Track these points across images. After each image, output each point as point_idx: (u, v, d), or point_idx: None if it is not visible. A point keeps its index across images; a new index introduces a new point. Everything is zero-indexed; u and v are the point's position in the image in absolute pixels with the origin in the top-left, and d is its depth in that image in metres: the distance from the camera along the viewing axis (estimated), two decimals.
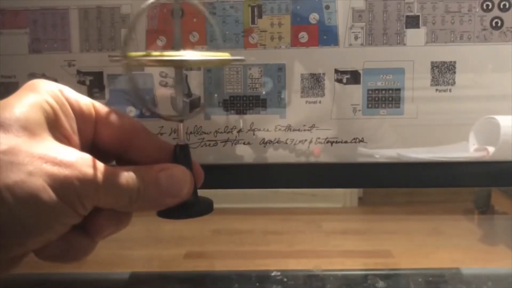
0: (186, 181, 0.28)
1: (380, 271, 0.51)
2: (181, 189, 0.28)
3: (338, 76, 0.39)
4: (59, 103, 0.27)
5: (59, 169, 0.24)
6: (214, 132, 0.39)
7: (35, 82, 0.28)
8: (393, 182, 0.40)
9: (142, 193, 0.27)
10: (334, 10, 0.38)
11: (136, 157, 0.29)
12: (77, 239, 0.27)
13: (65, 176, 0.24)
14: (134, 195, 0.27)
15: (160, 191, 0.27)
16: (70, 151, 0.26)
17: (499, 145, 0.39)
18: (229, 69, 0.39)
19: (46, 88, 0.27)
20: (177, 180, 0.28)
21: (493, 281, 0.48)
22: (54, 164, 0.24)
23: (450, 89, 0.39)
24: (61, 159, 0.25)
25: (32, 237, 0.25)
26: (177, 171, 0.28)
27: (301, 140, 0.39)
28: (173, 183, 0.28)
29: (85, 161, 0.25)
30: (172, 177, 0.28)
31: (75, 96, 0.28)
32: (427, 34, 0.38)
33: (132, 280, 0.50)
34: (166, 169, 0.28)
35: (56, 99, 0.27)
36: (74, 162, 0.25)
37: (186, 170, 0.29)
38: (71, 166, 0.25)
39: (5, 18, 0.39)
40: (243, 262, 1.65)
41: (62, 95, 0.28)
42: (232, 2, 0.38)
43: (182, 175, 0.28)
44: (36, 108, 0.26)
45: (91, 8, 0.38)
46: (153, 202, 0.28)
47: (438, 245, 1.78)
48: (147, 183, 0.27)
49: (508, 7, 0.38)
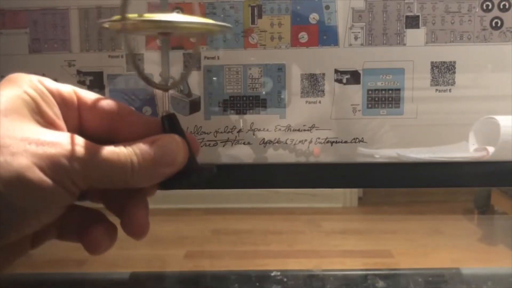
0: (178, 147, 0.28)
1: (380, 271, 0.51)
2: (175, 157, 0.28)
3: (338, 76, 0.39)
4: (38, 93, 0.27)
5: (44, 149, 0.24)
6: (214, 132, 0.39)
7: (15, 75, 0.27)
8: (393, 182, 0.40)
9: (136, 167, 0.26)
10: (334, 10, 0.38)
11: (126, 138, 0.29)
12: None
13: (51, 155, 0.24)
14: (128, 170, 0.26)
15: (154, 162, 0.27)
16: (54, 132, 0.25)
17: (499, 145, 0.39)
18: (229, 69, 0.39)
19: (25, 79, 0.27)
20: (169, 148, 0.28)
21: (493, 281, 0.48)
22: (38, 144, 0.24)
23: (450, 89, 0.39)
24: (45, 139, 0.24)
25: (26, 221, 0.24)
26: (168, 139, 0.28)
27: (301, 140, 0.39)
28: (166, 151, 0.28)
29: (70, 139, 0.25)
30: (164, 145, 0.28)
31: (55, 85, 0.28)
32: (427, 34, 0.38)
33: (132, 280, 0.50)
34: (157, 139, 0.28)
35: (36, 89, 0.27)
36: (59, 141, 0.25)
37: (177, 137, 0.28)
38: (56, 145, 0.24)
39: (5, 18, 0.39)
40: (243, 262, 1.65)
41: (42, 84, 0.27)
42: (232, 2, 0.38)
43: (174, 143, 0.28)
44: (16, 98, 0.26)
45: (91, 8, 0.38)
46: (149, 174, 0.27)
47: (438, 245, 1.78)
48: (140, 156, 0.27)
49: (508, 7, 0.38)
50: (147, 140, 0.28)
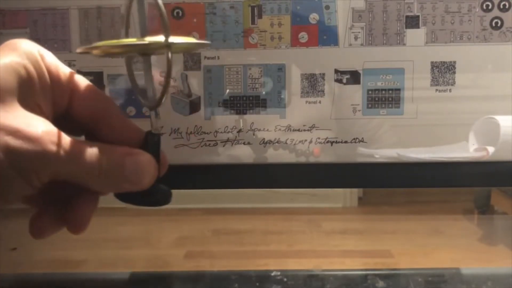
0: (150, 171, 0.28)
1: (380, 271, 0.51)
2: (144, 178, 0.28)
3: (338, 76, 0.39)
4: (36, 69, 0.26)
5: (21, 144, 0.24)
6: (214, 132, 0.39)
7: (15, 41, 0.27)
8: (393, 182, 0.41)
9: (103, 172, 0.26)
10: (334, 10, 0.38)
11: (106, 136, 0.29)
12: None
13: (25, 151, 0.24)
14: (95, 174, 0.26)
15: (122, 175, 0.27)
16: (37, 123, 0.25)
17: (499, 145, 0.39)
18: (229, 69, 0.39)
19: (25, 50, 0.26)
20: (141, 168, 0.27)
21: (493, 281, 0.48)
22: (16, 137, 0.24)
23: (450, 89, 0.39)
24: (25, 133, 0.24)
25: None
26: (144, 159, 0.28)
27: (301, 140, 0.39)
28: (137, 170, 0.27)
29: (50, 136, 0.25)
30: (137, 164, 0.27)
31: (55, 63, 0.28)
32: (427, 34, 0.38)
33: (132, 280, 0.50)
34: (133, 154, 0.27)
35: (34, 62, 0.26)
36: (39, 137, 0.24)
37: (152, 159, 0.28)
38: (34, 141, 0.24)
39: (5, 18, 0.39)
40: (243, 262, 1.65)
41: (41, 58, 0.27)
42: (232, 2, 0.38)
43: (148, 164, 0.28)
44: (10, 71, 0.25)
45: (91, 8, 0.38)
46: (113, 184, 0.27)
47: (437, 245, 1.78)
48: (111, 163, 0.26)
49: (508, 7, 0.38)
50: (124, 150, 0.27)
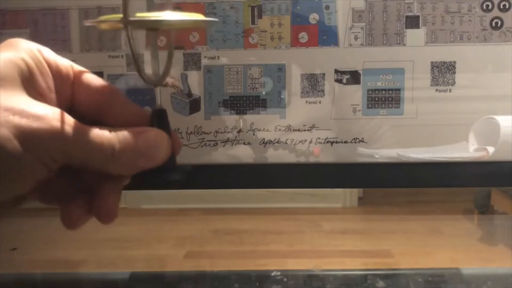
0: (163, 144, 0.28)
1: (380, 271, 0.51)
2: (158, 152, 0.28)
3: (338, 76, 0.39)
4: (35, 61, 0.26)
5: (28, 121, 0.24)
6: (214, 132, 0.39)
7: (15, 40, 0.27)
8: (393, 182, 0.41)
9: (117, 153, 0.26)
10: (334, 10, 0.38)
11: (113, 123, 0.29)
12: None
13: (33, 129, 0.24)
14: (108, 154, 0.26)
15: (136, 153, 0.27)
16: (42, 105, 0.25)
17: (499, 145, 0.39)
18: (229, 69, 0.39)
19: (24, 46, 0.27)
20: (154, 143, 0.28)
21: (493, 281, 0.48)
22: (22, 116, 0.24)
23: (450, 89, 0.39)
24: (31, 112, 0.24)
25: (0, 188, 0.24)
26: (154, 133, 0.28)
27: (301, 140, 0.39)
28: (150, 145, 0.27)
29: (56, 115, 0.25)
30: (149, 139, 0.28)
31: (53, 57, 0.28)
32: (427, 34, 0.38)
33: (132, 280, 0.50)
34: (143, 131, 0.28)
35: (33, 57, 0.27)
36: (44, 115, 0.24)
37: (163, 133, 0.28)
38: (41, 119, 0.24)
39: (5, 18, 0.39)
40: (243, 262, 1.65)
41: (40, 54, 0.27)
42: (232, 2, 0.38)
43: (159, 138, 0.28)
44: (10, 64, 0.25)
45: (91, 8, 0.38)
46: (129, 163, 0.27)
47: (437, 245, 1.78)
48: (123, 143, 0.26)
49: (508, 7, 0.38)
50: (134, 130, 0.27)
